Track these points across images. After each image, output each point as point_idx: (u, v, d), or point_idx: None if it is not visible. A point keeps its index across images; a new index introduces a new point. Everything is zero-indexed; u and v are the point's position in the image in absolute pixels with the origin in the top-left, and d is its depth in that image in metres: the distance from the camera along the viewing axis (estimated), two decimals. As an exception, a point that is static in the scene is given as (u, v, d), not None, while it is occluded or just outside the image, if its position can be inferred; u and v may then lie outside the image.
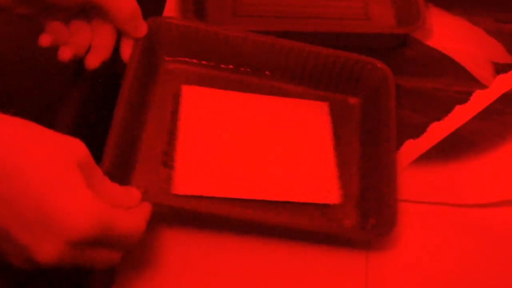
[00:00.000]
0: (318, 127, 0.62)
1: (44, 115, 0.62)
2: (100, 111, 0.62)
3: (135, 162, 0.57)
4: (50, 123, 0.52)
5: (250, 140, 0.60)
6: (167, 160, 0.57)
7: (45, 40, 0.56)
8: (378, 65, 0.62)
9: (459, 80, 0.68)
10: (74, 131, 0.57)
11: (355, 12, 0.73)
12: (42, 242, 0.40)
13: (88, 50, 0.58)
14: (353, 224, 0.56)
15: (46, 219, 0.40)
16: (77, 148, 0.43)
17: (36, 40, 0.58)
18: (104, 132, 0.54)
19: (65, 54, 0.56)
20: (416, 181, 0.59)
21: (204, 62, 0.64)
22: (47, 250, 0.40)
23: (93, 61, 0.57)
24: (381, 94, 0.62)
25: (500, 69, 0.69)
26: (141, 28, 0.58)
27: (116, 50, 0.59)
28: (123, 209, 0.45)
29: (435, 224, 0.58)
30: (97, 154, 0.53)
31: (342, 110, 0.64)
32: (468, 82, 0.67)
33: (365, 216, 0.56)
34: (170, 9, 0.71)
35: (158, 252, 0.54)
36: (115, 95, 0.57)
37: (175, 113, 0.60)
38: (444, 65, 0.69)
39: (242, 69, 0.64)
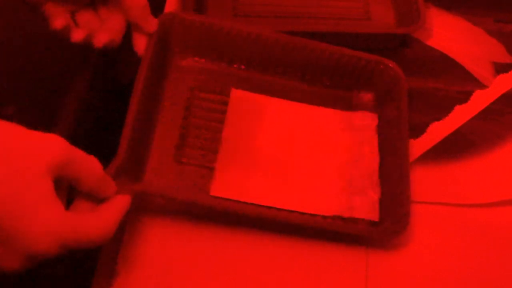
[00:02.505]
0: (362, 140, 0.61)
1: (50, 101, 0.61)
2: (105, 102, 0.62)
3: (148, 157, 0.57)
4: (55, 109, 0.52)
5: (290, 149, 0.60)
6: (179, 156, 0.58)
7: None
8: (390, 65, 0.63)
9: (459, 80, 0.68)
10: (79, 118, 0.57)
11: (355, 12, 0.73)
12: (6, 255, 0.41)
13: None
14: (367, 222, 0.56)
15: (10, 235, 0.41)
16: (51, 148, 0.42)
17: (39, 30, 0.57)
18: (112, 123, 0.54)
19: (78, 35, 0.55)
20: (416, 181, 0.59)
21: (216, 59, 0.63)
22: (9, 264, 0.42)
23: (102, 39, 0.55)
24: (393, 93, 0.62)
25: (500, 69, 0.69)
26: (152, 23, 0.58)
27: (122, 62, 0.59)
28: (92, 215, 0.45)
29: (434, 223, 0.58)
30: (106, 145, 0.53)
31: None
32: (468, 82, 0.68)
33: (380, 215, 0.57)
34: (170, 9, 0.71)
35: (159, 251, 0.54)
36: (121, 86, 0.56)
37: (188, 108, 0.60)
38: (444, 65, 0.69)
39: (254, 66, 0.64)
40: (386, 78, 0.63)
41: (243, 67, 0.64)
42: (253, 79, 0.63)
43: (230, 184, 0.56)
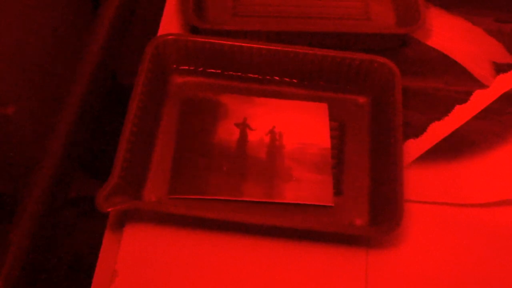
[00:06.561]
0: (317, 129, 0.62)
1: (50, 101, 0.61)
2: (105, 102, 0.63)
3: (148, 173, 0.58)
4: (55, 109, 0.52)
5: (248, 143, 0.60)
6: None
7: None
8: (384, 62, 0.63)
9: (459, 80, 0.68)
10: (79, 118, 0.57)
11: (355, 12, 0.73)
12: None
13: None
14: (363, 222, 0.57)
15: None
16: None
17: (36, 39, 0.58)
18: (113, 123, 0.55)
19: None
20: (416, 181, 0.59)
21: (211, 73, 0.65)
22: None
23: None
24: (388, 91, 0.62)
25: (500, 69, 0.69)
26: None
27: (123, 61, 0.60)
28: None
29: (434, 223, 0.58)
30: (106, 145, 0.53)
31: (352, 110, 0.64)
32: (468, 82, 0.68)
33: (374, 214, 0.57)
34: (170, 9, 0.71)
35: (159, 252, 0.54)
36: (121, 86, 0.57)
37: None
38: (444, 65, 0.69)
39: (250, 77, 0.65)
40: (381, 75, 0.63)
41: (239, 76, 0.65)
42: (250, 89, 0.64)
43: (187, 184, 0.57)
